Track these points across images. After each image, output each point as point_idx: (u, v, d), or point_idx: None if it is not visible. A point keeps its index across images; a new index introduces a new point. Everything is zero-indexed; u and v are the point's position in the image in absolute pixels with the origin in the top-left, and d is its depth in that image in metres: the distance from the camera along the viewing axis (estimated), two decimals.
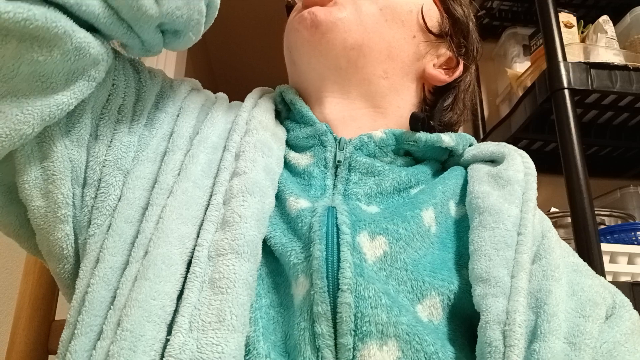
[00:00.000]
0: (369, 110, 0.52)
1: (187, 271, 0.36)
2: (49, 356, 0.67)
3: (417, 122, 0.51)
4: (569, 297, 0.40)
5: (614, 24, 1.15)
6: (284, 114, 0.54)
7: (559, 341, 0.36)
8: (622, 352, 0.39)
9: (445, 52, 0.56)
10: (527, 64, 1.29)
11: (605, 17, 1.14)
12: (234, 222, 0.37)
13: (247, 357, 0.35)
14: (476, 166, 0.50)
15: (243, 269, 0.36)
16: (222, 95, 0.53)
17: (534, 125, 1.16)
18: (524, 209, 0.43)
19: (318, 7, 0.50)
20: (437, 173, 0.53)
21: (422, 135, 0.50)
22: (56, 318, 0.69)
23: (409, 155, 0.52)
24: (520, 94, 1.17)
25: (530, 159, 0.49)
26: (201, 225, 0.38)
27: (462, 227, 0.46)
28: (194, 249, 0.37)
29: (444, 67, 0.56)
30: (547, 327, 0.36)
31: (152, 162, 0.41)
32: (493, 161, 0.51)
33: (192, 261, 0.36)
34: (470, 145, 0.55)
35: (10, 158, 0.37)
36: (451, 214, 0.47)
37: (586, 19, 1.20)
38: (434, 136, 0.51)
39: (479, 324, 0.37)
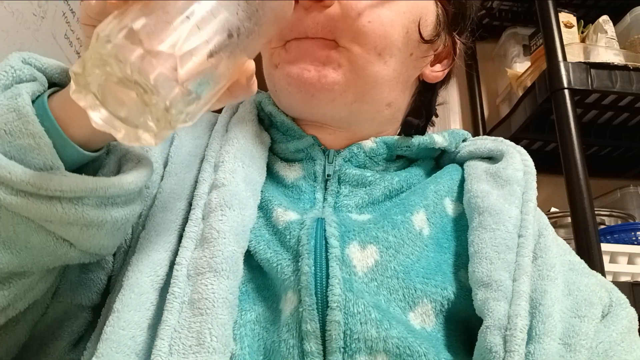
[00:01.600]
0: (367, 133, 0.49)
1: (160, 298, 0.36)
2: None
3: (412, 129, 0.50)
4: (564, 297, 0.40)
5: (614, 24, 1.15)
6: (267, 121, 0.51)
7: (554, 342, 0.36)
8: (618, 351, 0.39)
9: (447, 42, 0.52)
10: (527, 64, 1.28)
11: (605, 17, 1.14)
12: (212, 239, 0.37)
13: None
14: (473, 163, 0.49)
15: (222, 288, 0.35)
16: None
17: (534, 125, 1.16)
18: (524, 209, 0.42)
19: (308, 66, 0.43)
20: (431, 171, 0.52)
21: (415, 140, 0.49)
22: None
23: (402, 157, 0.51)
24: (520, 94, 1.17)
25: (529, 157, 0.48)
26: (176, 248, 0.38)
27: (459, 226, 0.46)
28: (168, 272, 0.37)
29: (440, 58, 0.53)
30: (542, 328, 0.36)
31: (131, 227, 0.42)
32: (490, 158, 0.50)
33: (171, 281, 0.36)
34: (464, 141, 0.54)
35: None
36: (447, 212, 0.46)
37: (586, 19, 1.20)
38: (426, 138, 0.50)
39: (480, 328, 0.36)
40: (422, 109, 0.53)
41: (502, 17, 1.44)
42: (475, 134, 1.41)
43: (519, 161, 0.47)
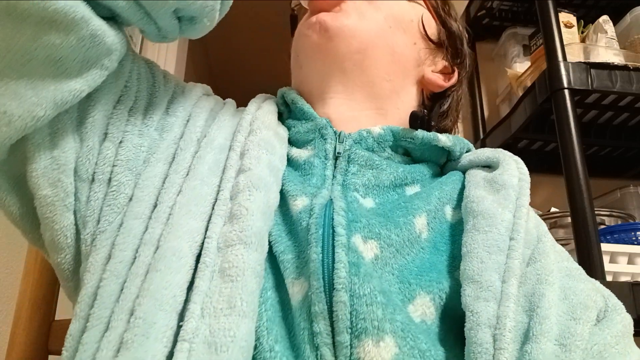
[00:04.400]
0: (371, 112, 0.54)
1: (197, 263, 0.37)
2: (49, 356, 0.67)
3: (417, 120, 0.53)
4: (560, 301, 0.41)
5: (614, 24, 1.15)
6: (286, 115, 0.56)
7: (550, 343, 0.37)
8: (613, 353, 0.40)
9: (441, 61, 0.59)
10: (527, 64, 1.29)
11: (605, 17, 1.14)
12: (241, 215, 0.39)
13: (254, 351, 0.35)
14: (473, 171, 0.52)
15: (251, 259, 0.37)
16: (230, 101, 0.54)
17: (534, 125, 1.16)
18: (517, 214, 0.44)
19: (325, 13, 0.53)
20: (434, 176, 0.54)
21: (419, 133, 0.51)
22: (56, 318, 0.68)
23: (408, 155, 0.54)
24: (520, 94, 1.17)
25: (525, 165, 0.50)
26: (209, 219, 0.40)
27: (457, 231, 0.47)
28: (203, 242, 0.38)
29: (441, 74, 0.59)
30: (538, 329, 0.38)
31: (162, 163, 0.43)
32: (490, 167, 0.52)
33: (202, 252, 0.37)
34: (467, 151, 0.57)
35: (21, 148, 0.38)
36: (447, 218, 0.48)
37: (586, 19, 1.20)
38: (431, 134, 0.52)
39: (468, 325, 0.38)
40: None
41: (502, 17, 1.45)
42: (475, 134, 1.42)
43: (514, 168, 0.49)
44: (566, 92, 0.97)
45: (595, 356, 0.39)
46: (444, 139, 0.52)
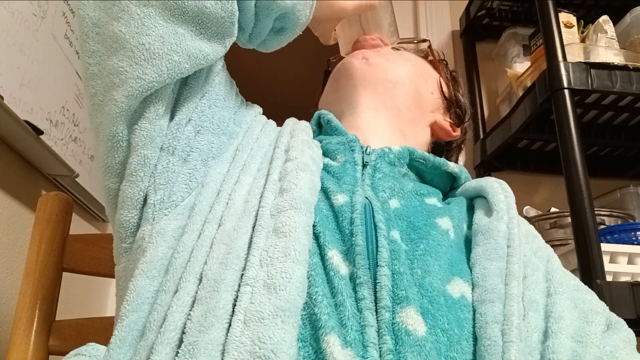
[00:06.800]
0: (393, 129, 0.63)
1: (253, 230, 0.43)
2: (49, 356, 0.67)
3: (438, 148, 0.66)
4: (572, 309, 0.47)
5: (614, 24, 1.15)
6: (316, 134, 0.64)
7: (567, 339, 0.43)
8: (623, 354, 0.45)
9: (449, 118, 0.70)
10: (527, 64, 1.29)
11: (605, 17, 1.14)
12: (291, 189, 0.44)
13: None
14: (478, 200, 0.58)
15: (301, 220, 0.42)
16: (271, 120, 0.61)
17: (534, 125, 1.16)
18: (510, 225, 0.50)
19: (367, 50, 0.65)
20: (443, 200, 0.60)
21: (431, 157, 0.60)
22: (56, 318, 0.69)
23: (420, 178, 0.61)
24: (520, 94, 1.17)
25: (508, 185, 0.56)
26: (262, 196, 0.46)
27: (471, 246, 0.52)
28: (257, 213, 0.44)
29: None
30: (555, 327, 0.44)
31: (227, 162, 0.50)
32: (482, 196, 0.58)
33: (257, 219, 0.43)
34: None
35: (142, 110, 0.44)
36: (464, 232, 0.54)
37: (586, 19, 1.20)
38: (441, 159, 0.60)
39: (478, 324, 0.43)
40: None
41: (502, 17, 1.45)
42: (476, 134, 1.42)
43: (498, 187, 0.55)
44: (566, 92, 0.97)
45: (608, 354, 0.44)
46: (452, 165, 0.60)
